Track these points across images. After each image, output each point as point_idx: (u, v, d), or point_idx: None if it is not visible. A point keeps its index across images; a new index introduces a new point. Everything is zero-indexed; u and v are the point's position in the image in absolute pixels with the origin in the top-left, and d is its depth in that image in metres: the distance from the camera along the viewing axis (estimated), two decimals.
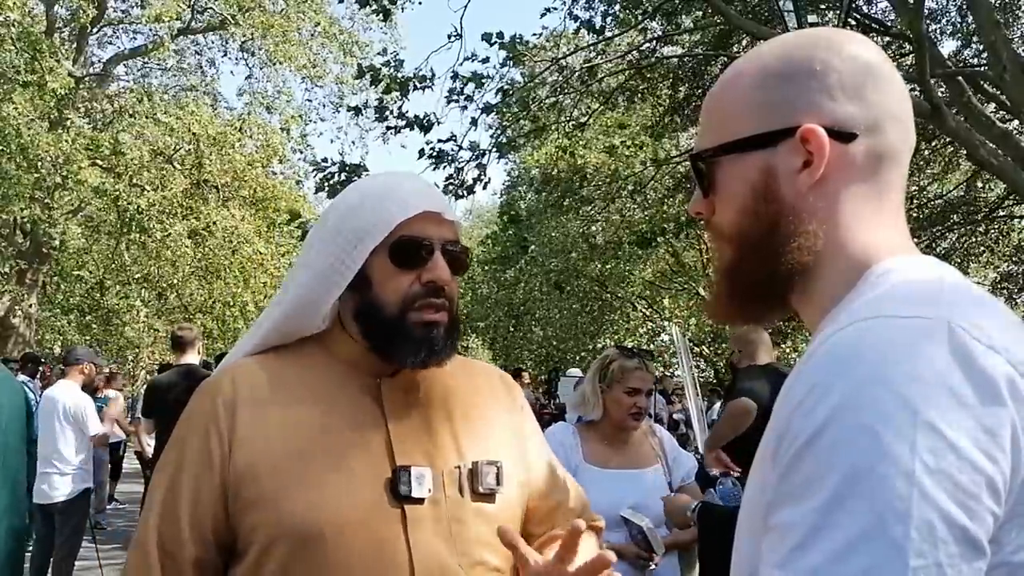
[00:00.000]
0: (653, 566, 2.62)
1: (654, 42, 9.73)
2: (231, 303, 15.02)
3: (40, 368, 8.91)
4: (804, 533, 0.62)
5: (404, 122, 7.89)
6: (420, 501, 1.15)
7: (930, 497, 0.59)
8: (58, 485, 5.32)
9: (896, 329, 0.66)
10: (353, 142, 39.05)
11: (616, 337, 19.91)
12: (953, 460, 0.60)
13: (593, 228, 16.80)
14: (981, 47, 8.77)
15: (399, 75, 7.82)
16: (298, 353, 1.26)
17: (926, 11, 7.96)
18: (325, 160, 7.83)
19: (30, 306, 15.51)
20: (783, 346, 17.38)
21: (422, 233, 1.20)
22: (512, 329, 22.08)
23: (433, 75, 7.80)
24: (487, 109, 8.23)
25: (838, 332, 0.68)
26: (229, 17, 14.90)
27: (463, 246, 1.26)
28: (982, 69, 8.01)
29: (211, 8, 15.71)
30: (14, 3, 12.23)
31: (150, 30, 15.89)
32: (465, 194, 8.13)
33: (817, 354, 0.68)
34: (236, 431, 1.16)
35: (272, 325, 1.26)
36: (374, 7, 7.86)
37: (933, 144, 9.98)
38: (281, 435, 1.16)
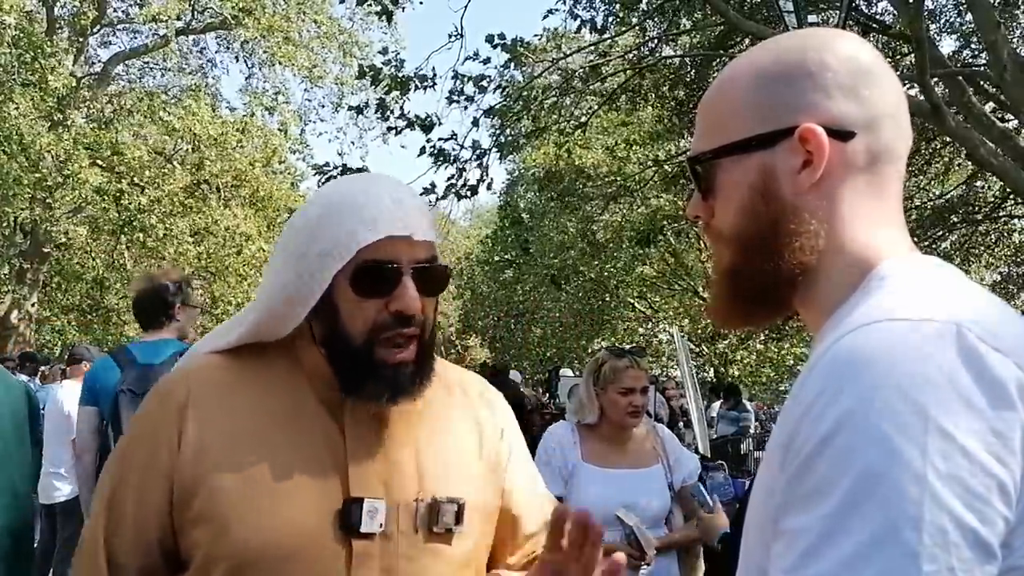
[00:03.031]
0: (645, 566, 2.63)
1: (654, 42, 9.72)
2: (238, 302, 15.00)
3: (40, 368, 8.90)
4: (815, 539, 0.62)
5: (405, 122, 7.88)
6: (370, 536, 1.07)
7: (942, 501, 0.59)
8: (60, 485, 5.30)
9: (904, 332, 0.65)
10: (352, 142, 39.02)
11: (615, 337, 19.90)
12: (964, 464, 0.60)
13: (593, 226, 16.81)
14: (981, 47, 8.77)
15: (400, 75, 7.81)
16: (263, 356, 1.17)
17: (926, 11, 7.95)
18: (327, 164, 7.84)
19: (32, 305, 15.50)
20: (780, 344, 17.39)
21: (389, 256, 1.08)
22: (512, 329, 22.07)
23: (435, 74, 7.81)
24: (489, 112, 8.22)
25: (845, 336, 0.68)
26: (230, 18, 14.89)
27: (440, 265, 1.14)
28: (982, 69, 8.00)
29: (211, 8, 15.70)
30: (11, 6, 12.23)
31: (149, 29, 15.89)
32: (468, 195, 8.12)
33: (825, 358, 0.68)
34: (184, 438, 1.09)
35: (243, 331, 1.19)
36: (375, 8, 7.85)
37: (933, 144, 9.97)
38: (230, 448, 1.09)
